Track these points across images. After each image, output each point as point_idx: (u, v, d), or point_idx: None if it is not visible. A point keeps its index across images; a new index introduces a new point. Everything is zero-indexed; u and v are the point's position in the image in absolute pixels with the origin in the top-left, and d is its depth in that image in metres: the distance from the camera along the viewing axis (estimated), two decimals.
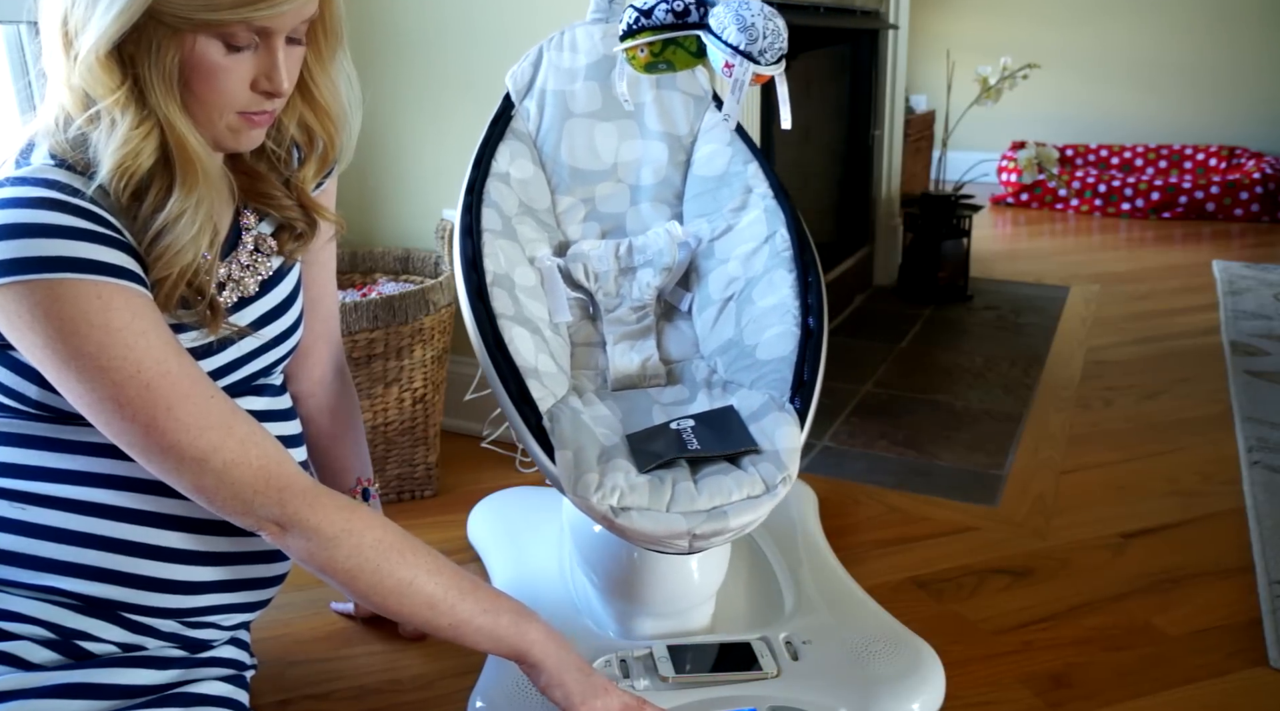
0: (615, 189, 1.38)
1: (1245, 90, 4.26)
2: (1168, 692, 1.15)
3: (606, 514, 0.97)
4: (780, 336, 1.15)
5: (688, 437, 1.07)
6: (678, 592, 1.14)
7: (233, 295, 0.97)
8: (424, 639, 1.28)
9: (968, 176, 3.04)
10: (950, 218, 2.81)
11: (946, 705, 1.10)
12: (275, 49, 0.86)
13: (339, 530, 0.87)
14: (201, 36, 0.82)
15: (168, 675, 0.93)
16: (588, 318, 1.33)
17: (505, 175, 1.31)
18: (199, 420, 0.83)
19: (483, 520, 1.51)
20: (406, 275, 1.83)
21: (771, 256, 1.23)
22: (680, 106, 1.38)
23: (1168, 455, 1.79)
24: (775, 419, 1.05)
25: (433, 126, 1.83)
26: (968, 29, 4.66)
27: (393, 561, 0.89)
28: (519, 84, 1.37)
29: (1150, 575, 1.40)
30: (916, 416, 1.99)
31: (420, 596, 0.90)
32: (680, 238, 1.33)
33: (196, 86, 0.84)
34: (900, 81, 2.84)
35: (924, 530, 1.55)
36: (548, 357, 1.16)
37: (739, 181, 1.32)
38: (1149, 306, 2.76)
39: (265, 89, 0.87)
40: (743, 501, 0.98)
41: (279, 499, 0.86)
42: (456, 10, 1.75)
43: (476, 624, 0.92)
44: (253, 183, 1.00)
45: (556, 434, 1.03)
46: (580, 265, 1.31)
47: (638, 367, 1.27)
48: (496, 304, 1.13)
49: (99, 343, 0.79)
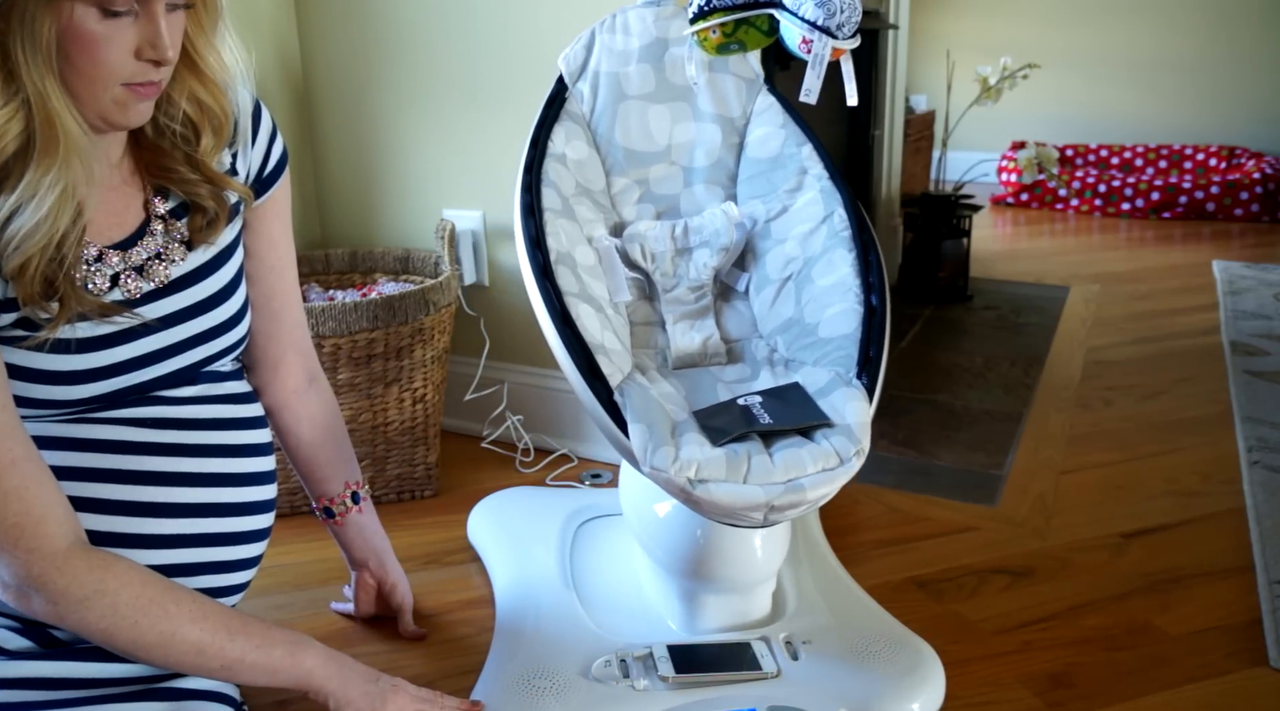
0: (669, 171, 1.38)
1: (1245, 90, 4.26)
2: (1168, 692, 1.15)
3: (684, 486, 0.96)
4: (843, 314, 1.14)
5: (757, 412, 1.06)
6: (742, 570, 1.14)
7: (144, 283, 0.95)
8: (424, 638, 1.28)
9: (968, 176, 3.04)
10: (950, 218, 2.81)
11: (946, 705, 1.10)
12: (156, 15, 0.83)
13: (90, 591, 0.86)
14: (79, 4, 0.79)
15: (144, 668, 0.94)
16: (645, 298, 1.33)
17: (561, 156, 1.31)
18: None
19: (483, 520, 1.51)
20: (406, 275, 1.83)
21: (830, 236, 1.22)
22: (732, 89, 1.38)
23: (1167, 455, 1.79)
24: (844, 394, 1.05)
25: (434, 126, 1.83)
26: (968, 29, 4.66)
27: (152, 616, 0.88)
28: (572, 66, 1.37)
29: (1150, 575, 1.40)
30: (916, 416, 1.99)
31: (185, 645, 0.89)
32: (736, 218, 1.32)
33: (76, 58, 0.82)
34: (900, 81, 2.84)
35: (924, 530, 1.55)
36: (612, 335, 1.15)
37: (794, 163, 1.32)
38: (1149, 306, 2.76)
39: (150, 57, 0.85)
40: (819, 473, 0.98)
41: (25, 560, 0.84)
42: (457, 10, 1.75)
43: (249, 661, 0.92)
44: (155, 157, 0.98)
45: (630, 408, 1.02)
46: (637, 245, 1.31)
47: (699, 346, 1.27)
48: (562, 281, 1.12)
49: None
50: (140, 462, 0.95)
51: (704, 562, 1.14)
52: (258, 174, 1.07)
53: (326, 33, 1.89)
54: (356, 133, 1.92)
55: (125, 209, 0.96)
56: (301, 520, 1.56)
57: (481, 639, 1.26)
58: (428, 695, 1.03)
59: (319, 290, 1.76)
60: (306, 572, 1.44)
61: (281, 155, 1.09)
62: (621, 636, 1.17)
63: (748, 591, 1.17)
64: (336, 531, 1.27)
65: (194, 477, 0.98)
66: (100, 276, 0.92)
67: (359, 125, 1.91)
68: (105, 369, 0.93)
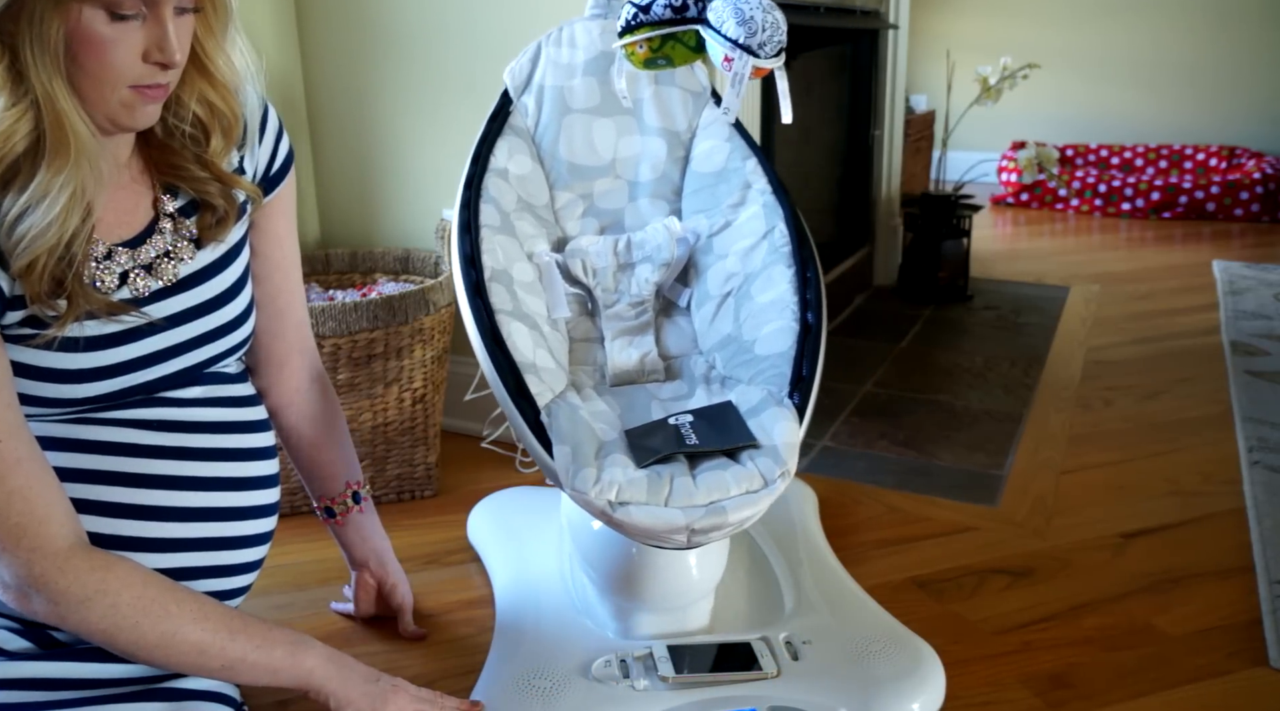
0: (614, 185, 1.38)
1: (1245, 90, 4.26)
2: (1168, 692, 1.15)
3: (604, 508, 0.97)
4: (779, 332, 1.15)
5: (686, 433, 1.07)
6: (676, 588, 1.14)
7: (152, 281, 0.96)
8: (424, 638, 1.28)
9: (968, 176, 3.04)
10: (950, 218, 2.81)
11: (946, 705, 1.10)
12: (164, 17, 0.84)
13: (92, 592, 0.86)
14: (86, 7, 0.80)
15: (144, 668, 0.94)
16: (586, 313, 1.33)
17: (504, 171, 1.31)
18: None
19: (483, 520, 1.51)
20: (406, 275, 1.83)
21: (770, 252, 1.23)
22: (679, 102, 1.38)
23: (1168, 455, 1.79)
24: (774, 414, 1.05)
25: (433, 126, 1.83)
26: (968, 29, 4.66)
27: (153, 616, 0.88)
28: (517, 80, 1.36)
29: (1150, 575, 1.40)
30: (916, 416, 1.99)
31: (186, 645, 0.90)
32: (679, 233, 1.32)
33: (84, 60, 0.82)
34: (900, 81, 2.84)
35: (924, 530, 1.55)
36: (546, 353, 1.16)
37: (738, 177, 1.32)
38: (1149, 306, 2.76)
39: (157, 59, 0.85)
40: (741, 496, 0.98)
41: (27, 559, 0.84)
42: (456, 10, 1.75)
43: (250, 661, 0.93)
44: (164, 156, 0.98)
45: (554, 429, 1.03)
46: (579, 261, 1.31)
47: (636, 363, 1.27)
48: (494, 299, 1.13)
49: None
50: (144, 465, 0.95)
51: (637, 581, 1.13)
52: (264, 173, 1.07)
53: (327, 34, 1.89)
54: (356, 133, 1.92)
55: (135, 207, 0.97)
56: (301, 520, 1.56)
57: (481, 639, 1.26)
58: (428, 695, 1.03)
59: (319, 290, 1.76)
60: (306, 572, 1.44)
61: (288, 154, 1.09)
62: (621, 636, 1.16)
63: (683, 610, 1.17)
64: (337, 531, 1.27)
65: (198, 481, 0.98)
66: (109, 274, 0.93)
67: (359, 125, 1.91)
68: (111, 367, 0.93)
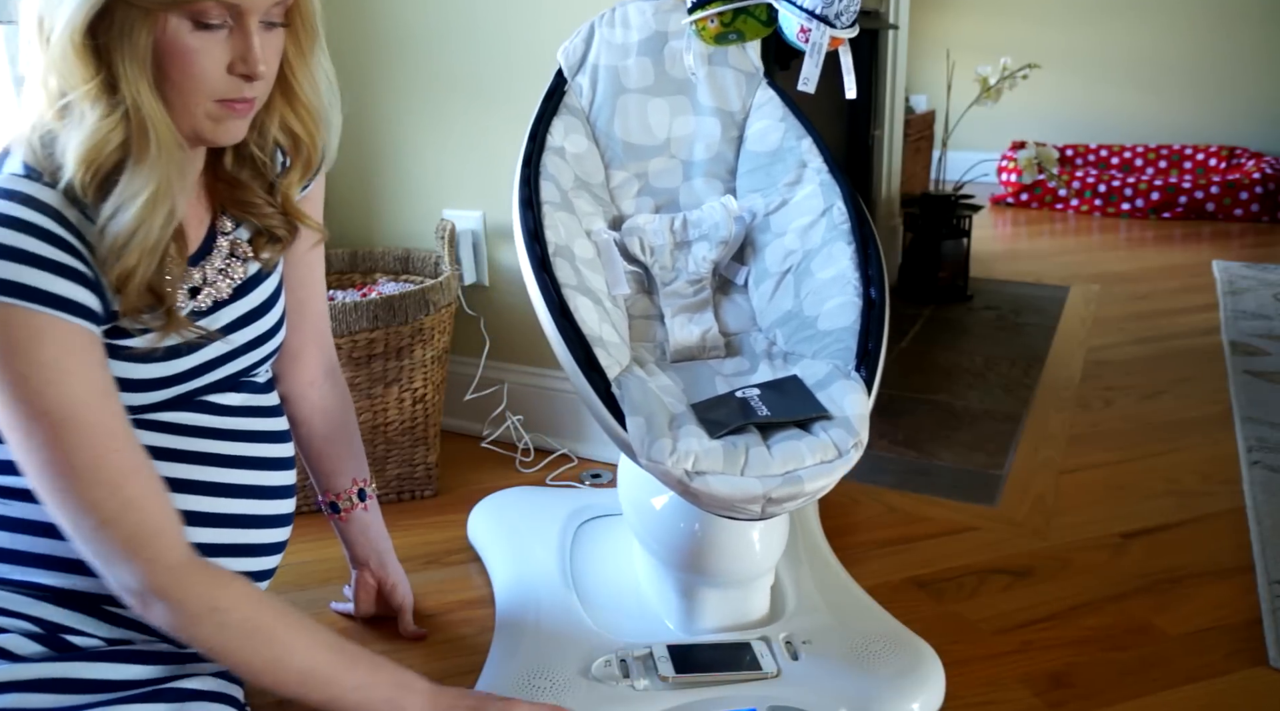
0: (668, 164, 1.38)
1: (1245, 90, 4.26)
2: (1168, 692, 1.15)
3: (682, 478, 0.96)
4: (842, 307, 1.14)
5: (755, 405, 1.06)
6: (741, 562, 1.14)
7: (207, 299, 0.97)
8: (424, 638, 1.28)
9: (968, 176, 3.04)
10: (950, 218, 2.81)
11: (946, 705, 1.10)
12: (250, 29, 0.84)
13: (204, 608, 0.86)
14: (173, 16, 0.81)
15: (155, 670, 0.93)
16: (644, 291, 1.33)
17: (560, 149, 1.31)
18: (91, 474, 0.82)
19: (483, 520, 1.51)
20: (406, 275, 1.83)
21: (829, 229, 1.22)
22: (732, 82, 1.38)
23: (1168, 455, 1.79)
24: (842, 386, 1.05)
25: (433, 127, 1.83)
26: (968, 29, 4.66)
27: (258, 640, 0.88)
28: (571, 60, 1.37)
29: (1150, 575, 1.40)
30: (916, 416, 1.99)
31: (290, 672, 0.90)
32: (736, 212, 1.32)
33: (171, 71, 0.83)
34: (900, 81, 2.84)
35: (924, 530, 1.55)
36: (610, 328, 1.15)
37: (793, 156, 1.32)
38: (1149, 306, 2.76)
39: (242, 71, 0.85)
40: (816, 466, 0.98)
41: (145, 569, 0.85)
42: (457, 10, 1.75)
43: (351, 699, 0.92)
44: (233, 191, 0.99)
45: (627, 400, 1.02)
46: (636, 239, 1.31)
47: (697, 339, 1.26)
48: (560, 274, 1.12)
49: (20, 373, 0.79)
50: (172, 469, 0.95)
51: (701, 556, 1.13)
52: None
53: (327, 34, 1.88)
54: (356, 133, 1.92)
55: (198, 225, 0.98)
56: (302, 520, 1.56)
57: (481, 639, 1.26)
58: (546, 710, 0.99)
59: None
60: (306, 572, 1.44)
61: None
62: (621, 636, 1.17)
63: (745, 585, 1.17)
64: (340, 527, 1.28)
65: (222, 488, 0.99)
66: (182, 291, 0.94)
67: (359, 125, 1.91)
68: (172, 377, 0.94)
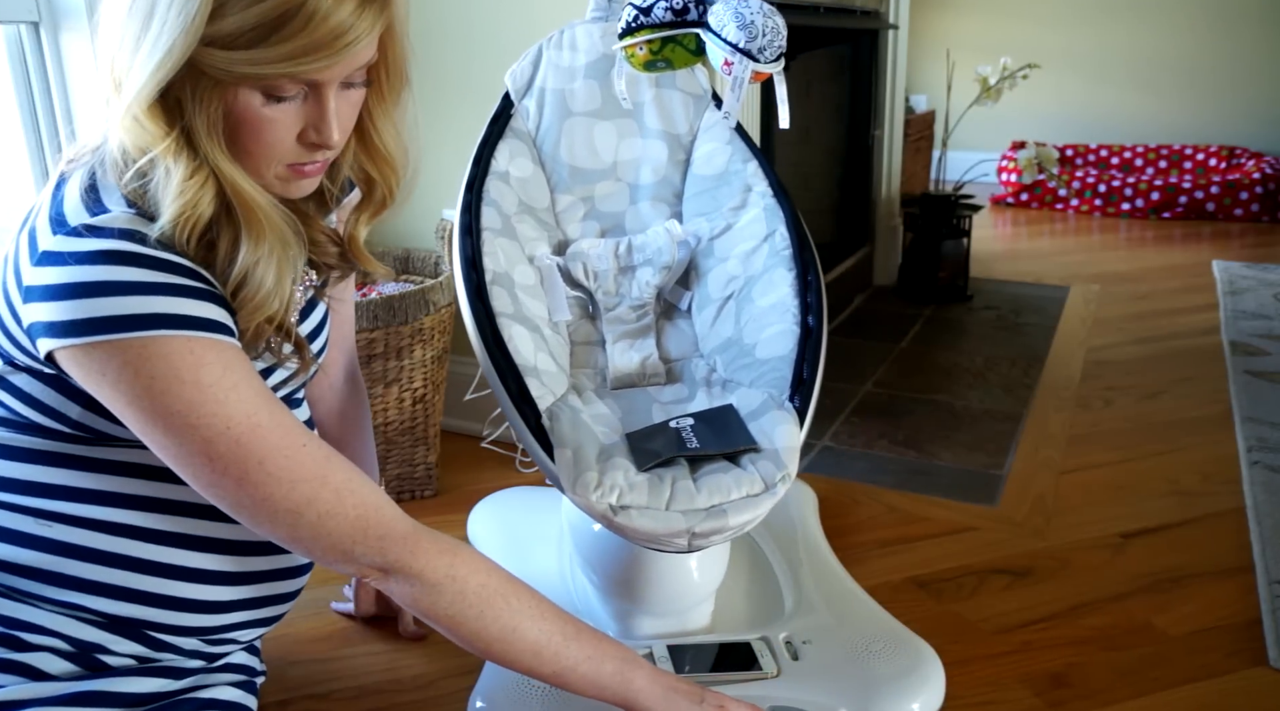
0: (614, 188, 1.38)
1: (1245, 90, 4.26)
2: (1168, 692, 1.15)
3: (606, 512, 0.97)
4: (780, 335, 1.15)
5: (687, 436, 1.07)
6: (677, 591, 1.14)
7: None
8: (424, 638, 1.28)
9: (968, 176, 3.04)
10: (950, 218, 2.81)
11: (946, 705, 1.10)
12: (326, 99, 0.81)
13: (442, 576, 0.86)
14: (244, 88, 0.78)
15: (181, 683, 0.93)
16: (587, 316, 1.33)
17: (505, 174, 1.31)
18: (291, 473, 0.81)
19: (483, 520, 1.51)
20: (406, 275, 1.83)
21: (771, 255, 1.23)
22: (680, 105, 1.38)
23: (1168, 455, 1.79)
24: (774, 417, 1.06)
25: (432, 126, 1.83)
26: (968, 29, 4.66)
27: (497, 607, 0.88)
28: (518, 83, 1.36)
29: (1150, 575, 1.40)
30: (916, 416, 1.99)
31: (524, 643, 0.88)
32: (680, 236, 1.33)
33: (242, 139, 0.81)
34: (900, 81, 2.84)
35: (924, 530, 1.55)
36: (547, 356, 1.16)
37: (738, 180, 1.32)
38: (1149, 306, 2.76)
39: (313, 141, 0.83)
40: (742, 499, 0.98)
41: (379, 547, 0.84)
42: (456, 10, 1.74)
43: (581, 671, 0.91)
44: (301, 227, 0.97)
45: (556, 432, 1.03)
46: (580, 264, 1.31)
47: (637, 366, 1.27)
48: (496, 302, 1.13)
49: (189, 400, 0.77)
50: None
51: (637, 584, 1.13)
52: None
53: None
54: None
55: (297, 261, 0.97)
56: None
57: None
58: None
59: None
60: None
61: None
62: (617, 636, 1.16)
63: (684, 613, 1.17)
64: None
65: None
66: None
67: None
68: None
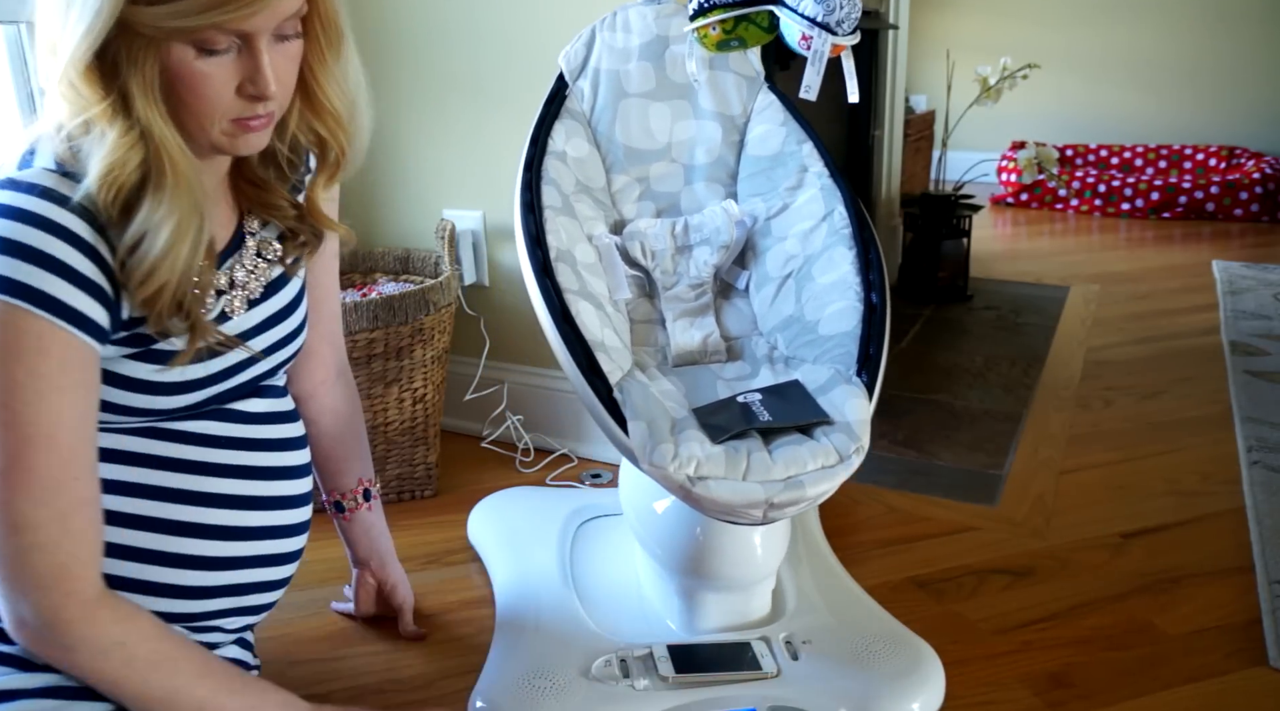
0: (670, 168, 1.38)
1: (1245, 90, 4.26)
2: (1168, 692, 1.15)
3: (683, 483, 0.96)
4: (843, 312, 1.14)
5: (757, 410, 1.06)
6: (742, 568, 1.14)
7: (236, 301, 0.96)
8: (424, 639, 1.28)
9: (968, 176, 3.04)
10: (950, 218, 2.81)
11: (946, 705, 1.10)
12: (259, 50, 0.82)
13: (112, 643, 0.85)
14: (176, 44, 0.79)
15: None
16: (645, 296, 1.33)
17: (561, 154, 1.31)
18: (45, 496, 0.81)
19: (483, 520, 1.51)
20: (406, 275, 1.83)
21: (830, 234, 1.22)
22: (733, 87, 1.38)
23: (1168, 455, 1.79)
24: (844, 391, 1.05)
25: (434, 126, 1.83)
26: (968, 29, 4.66)
27: (163, 672, 0.87)
28: (573, 64, 1.37)
29: (1150, 575, 1.40)
30: (916, 416, 1.99)
31: (188, 702, 0.88)
32: (737, 216, 1.32)
33: (181, 94, 0.82)
34: (900, 81, 2.84)
35: (924, 530, 1.55)
36: (612, 332, 1.15)
37: (794, 161, 1.32)
38: (1149, 306, 2.76)
39: (252, 93, 0.84)
40: (818, 471, 0.98)
41: (59, 603, 0.83)
42: (458, 10, 1.75)
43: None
44: (260, 193, 0.98)
45: (629, 405, 1.02)
46: (637, 243, 1.31)
47: (699, 344, 1.27)
48: (562, 279, 1.12)
49: (14, 379, 0.79)
50: (202, 483, 0.95)
51: (703, 560, 1.13)
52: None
53: None
54: None
55: (226, 225, 0.97)
56: None
57: (481, 639, 1.26)
58: None
59: None
60: (306, 572, 1.44)
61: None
62: (621, 636, 1.17)
63: (747, 589, 1.17)
64: (343, 527, 1.28)
65: (249, 500, 0.99)
66: (209, 296, 0.93)
67: None
68: (198, 380, 0.93)
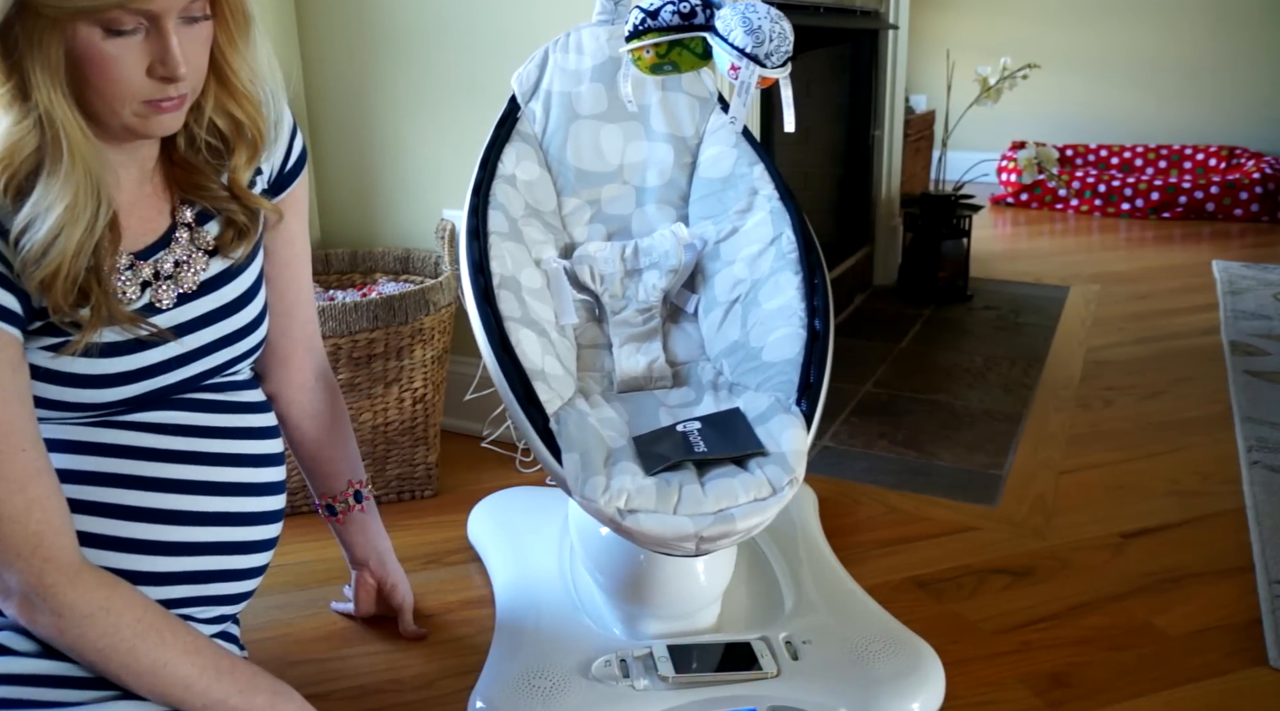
0: (621, 191, 1.38)
1: (1245, 90, 4.26)
2: (1168, 692, 1.15)
3: (614, 516, 0.97)
4: (786, 339, 1.15)
5: (694, 440, 1.07)
6: (684, 594, 1.14)
7: (168, 292, 0.95)
8: (424, 638, 1.28)
9: (968, 176, 3.04)
10: (950, 218, 2.81)
11: (946, 705, 1.10)
12: (166, 31, 0.81)
13: (95, 608, 0.85)
14: (82, 25, 0.78)
15: None
16: (594, 320, 1.33)
17: (511, 177, 1.31)
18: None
19: (483, 520, 1.51)
20: (406, 275, 1.83)
21: (778, 258, 1.23)
22: (685, 108, 1.38)
23: (1168, 455, 1.79)
24: (781, 421, 1.06)
25: (433, 126, 1.83)
26: (968, 29, 4.66)
27: (150, 642, 0.87)
28: (525, 86, 1.36)
29: (1150, 575, 1.40)
30: (916, 416, 1.99)
31: (174, 677, 0.88)
32: (686, 240, 1.33)
33: (89, 76, 0.81)
34: (900, 81, 2.84)
35: (924, 530, 1.55)
36: (554, 360, 1.16)
37: (745, 183, 1.32)
38: (1149, 306, 2.76)
39: (162, 74, 0.83)
40: (749, 504, 0.98)
41: (40, 568, 0.83)
42: (456, 10, 1.75)
43: (232, 704, 0.91)
44: (188, 175, 0.97)
45: (563, 436, 1.03)
46: (586, 267, 1.31)
47: (644, 369, 1.27)
48: (503, 306, 1.13)
49: None
50: (160, 469, 0.95)
51: (644, 587, 1.14)
52: (279, 171, 1.07)
53: (327, 34, 1.89)
54: (356, 133, 1.92)
55: (156, 216, 0.97)
56: (302, 520, 1.56)
57: (481, 639, 1.26)
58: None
59: (319, 290, 1.76)
60: (306, 572, 1.44)
61: (301, 152, 1.09)
62: (621, 636, 1.17)
63: (690, 615, 1.17)
64: (338, 529, 1.28)
65: (211, 486, 0.98)
66: (131, 285, 0.93)
67: (359, 125, 1.91)
68: (132, 373, 0.92)
